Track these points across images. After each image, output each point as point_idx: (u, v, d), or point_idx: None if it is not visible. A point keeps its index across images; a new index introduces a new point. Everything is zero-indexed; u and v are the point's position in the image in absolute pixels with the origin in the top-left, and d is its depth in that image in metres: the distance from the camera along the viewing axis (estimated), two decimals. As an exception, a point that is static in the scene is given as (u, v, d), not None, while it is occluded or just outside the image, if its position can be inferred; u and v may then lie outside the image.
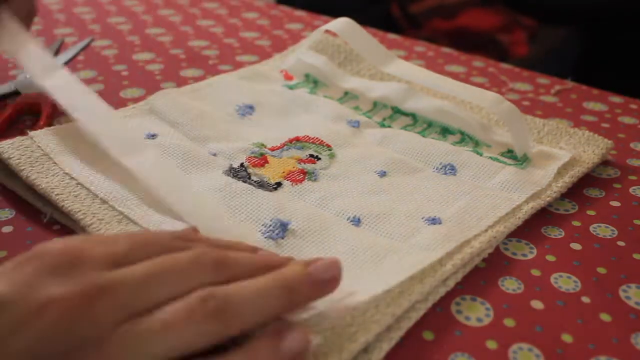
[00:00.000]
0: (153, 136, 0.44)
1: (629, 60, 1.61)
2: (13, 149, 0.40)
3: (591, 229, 0.38)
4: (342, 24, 0.51)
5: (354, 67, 0.56)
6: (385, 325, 0.28)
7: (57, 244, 0.24)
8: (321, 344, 0.27)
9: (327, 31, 0.53)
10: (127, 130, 0.38)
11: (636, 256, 0.36)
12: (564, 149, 0.44)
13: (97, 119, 0.37)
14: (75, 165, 0.39)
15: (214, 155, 0.42)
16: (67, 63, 0.54)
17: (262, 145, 0.44)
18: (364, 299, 0.28)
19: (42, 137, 0.41)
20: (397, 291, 0.30)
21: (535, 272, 0.34)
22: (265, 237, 0.34)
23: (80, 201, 0.36)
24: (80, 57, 0.62)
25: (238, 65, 0.61)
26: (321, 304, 0.27)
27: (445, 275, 0.32)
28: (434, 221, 0.36)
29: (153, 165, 0.35)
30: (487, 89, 0.51)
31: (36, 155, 0.39)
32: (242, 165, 0.41)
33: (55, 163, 0.39)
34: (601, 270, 0.34)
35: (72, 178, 0.38)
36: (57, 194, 0.36)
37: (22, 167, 0.38)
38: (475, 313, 0.31)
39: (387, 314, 0.29)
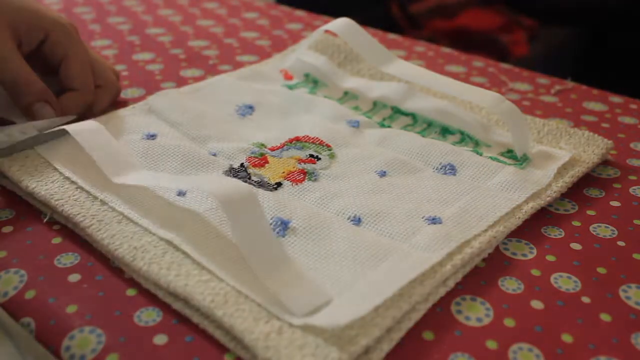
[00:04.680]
0: (152, 136, 0.44)
1: (629, 60, 1.61)
2: (12, 160, 0.40)
3: (591, 229, 0.38)
4: (342, 24, 0.51)
5: (354, 67, 0.56)
6: (385, 328, 0.28)
7: None
8: (320, 345, 0.27)
9: (327, 31, 0.53)
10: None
11: (636, 256, 0.36)
12: (564, 149, 0.44)
13: None
14: (75, 168, 0.39)
15: (214, 155, 0.42)
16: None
17: (262, 145, 0.44)
18: (364, 311, 0.28)
19: (42, 139, 0.41)
20: (397, 293, 0.30)
21: (535, 272, 0.34)
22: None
23: (80, 204, 0.36)
24: (80, 57, 0.62)
25: (238, 65, 0.61)
26: (321, 318, 0.28)
27: (445, 276, 0.32)
28: (434, 220, 0.36)
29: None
30: (487, 89, 0.51)
31: (35, 163, 0.40)
32: (242, 165, 0.41)
33: (55, 168, 0.39)
34: (601, 270, 0.34)
35: (72, 182, 0.38)
36: (57, 200, 0.36)
37: (22, 178, 0.38)
38: (475, 313, 0.31)
39: (387, 317, 0.29)
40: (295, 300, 0.29)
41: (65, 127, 0.40)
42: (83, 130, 0.40)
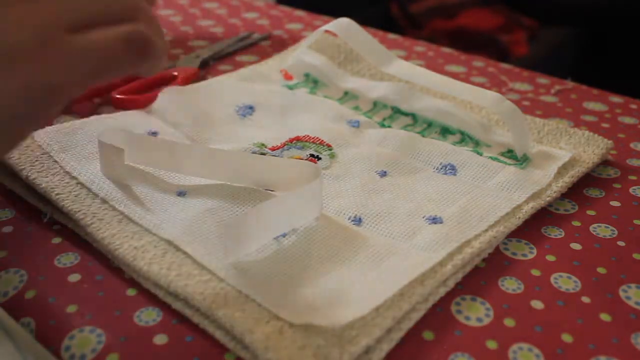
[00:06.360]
0: (154, 134, 0.44)
1: (629, 60, 1.61)
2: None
3: (591, 229, 0.38)
4: (342, 24, 0.51)
5: (354, 67, 0.56)
6: (386, 328, 0.28)
7: None
8: (321, 346, 0.27)
9: (327, 31, 0.53)
10: None
11: (636, 256, 0.36)
12: (564, 149, 0.44)
13: None
14: (76, 164, 0.39)
15: (214, 155, 0.42)
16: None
17: (263, 145, 0.44)
18: (365, 311, 0.28)
19: (43, 136, 0.41)
20: (397, 293, 0.30)
21: (535, 272, 0.34)
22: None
23: (80, 201, 0.36)
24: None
25: (238, 65, 0.61)
26: (321, 317, 0.28)
27: (445, 276, 0.32)
28: (434, 220, 0.36)
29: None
30: (487, 89, 0.51)
31: (36, 154, 0.39)
32: (242, 165, 0.41)
33: (55, 161, 0.39)
34: (601, 270, 0.34)
35: (72, 177, 0.38)
36: (57, 194, 0.36)
37: (22, 167, 0.38)
38: (475, 313, 0.31)
39: (387, 317, 0.29)
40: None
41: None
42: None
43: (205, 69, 0.60)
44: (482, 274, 0.34)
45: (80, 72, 0.27)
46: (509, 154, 0.44)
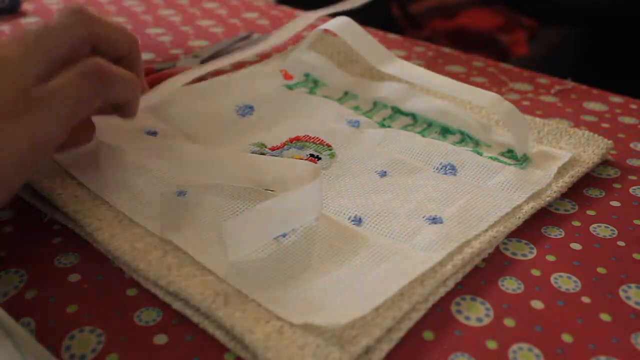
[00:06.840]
0: (154, 134, 0.44)
1: (629, 60, 1.61)
2: None
3: (591, 229, 0.38)
4: (341, 24, 0.51)
5: (354, 67, 0.56)
6: (386, 328, 0.28)
7: None
8: (321, 346, 0.27)
9: (326, 31, 0.53)
10: None
11: (636, 256, 0.36)
12: (564, 149, 0.44)
13: None
14: (76, 164, 0.39)
15: (214, 155, 0.42)
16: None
17: (263, 145, 0.44)
18: (365, 311, 0.28)
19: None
20: (397, 293, 0.30)
21: (535, 272, 0.34)
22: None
23: (81, 202, 0.36)
24: (80, 57, 0.62)
25: (238, 66, 0.61)
26: (321, 317, 0.28)
27: (445, 276, 0.32)
28: (434, 220, 0.36)
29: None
30: (487, 89, 0.51)
31: None
32: (242, 165, 0.41)
33: (55, 162, 0.39)
34: (601, 270, 0.34)
35: (72, 177, 0.38)
36: (58, 194, 0.36)
37: None
38: (475, 313, 0.31)
39: (387, 317, 0.29)
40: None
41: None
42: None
43: (205, 69, 0.60)
44: (482, 274, 0.34)
45: (58, 118, 0.30)
46: (509, 154, 0.44)
